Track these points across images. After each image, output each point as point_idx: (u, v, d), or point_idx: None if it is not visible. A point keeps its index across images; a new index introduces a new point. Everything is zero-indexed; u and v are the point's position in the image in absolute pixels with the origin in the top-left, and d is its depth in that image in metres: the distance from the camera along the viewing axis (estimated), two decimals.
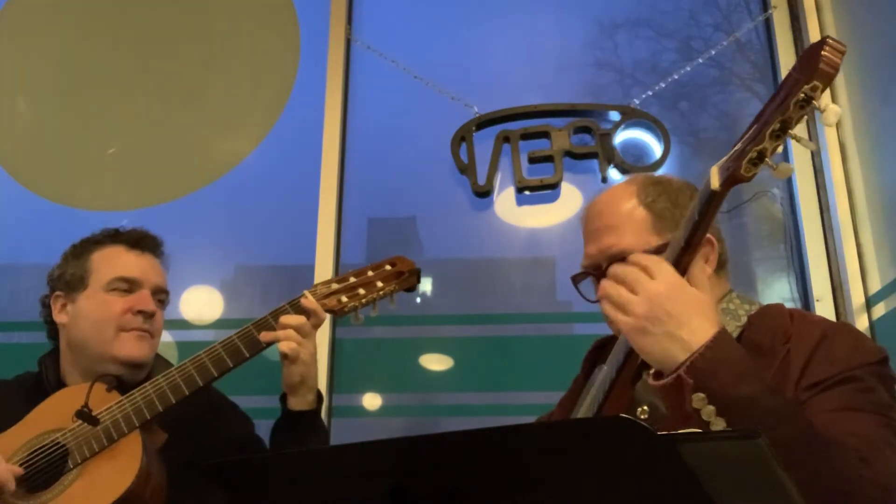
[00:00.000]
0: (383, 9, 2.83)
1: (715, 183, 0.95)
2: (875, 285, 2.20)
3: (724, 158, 0.95)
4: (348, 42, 2.73)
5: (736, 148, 0.93)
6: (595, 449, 0.71)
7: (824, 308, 2.27)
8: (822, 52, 0.84)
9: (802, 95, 0.85)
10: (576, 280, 1.32)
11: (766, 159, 0.90)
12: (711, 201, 0.96)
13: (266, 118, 2.70)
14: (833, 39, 0.85)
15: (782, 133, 0.88)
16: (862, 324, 2.19)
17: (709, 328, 0.97)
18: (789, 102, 0.86)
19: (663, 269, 1.00)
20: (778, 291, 2.41)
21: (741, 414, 0.92)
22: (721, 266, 1.26)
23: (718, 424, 0.92)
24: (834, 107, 0.86)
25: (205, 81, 2.80)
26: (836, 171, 2.36)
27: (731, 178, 0.92)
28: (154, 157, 2.71)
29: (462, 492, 0.78)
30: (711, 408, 0.93)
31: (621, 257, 1.20)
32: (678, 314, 0.98)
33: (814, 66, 0.85)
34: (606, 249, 1.24)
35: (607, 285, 1.06)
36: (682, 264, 1.02)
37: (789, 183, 2.46)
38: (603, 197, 1.32)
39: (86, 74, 2.82)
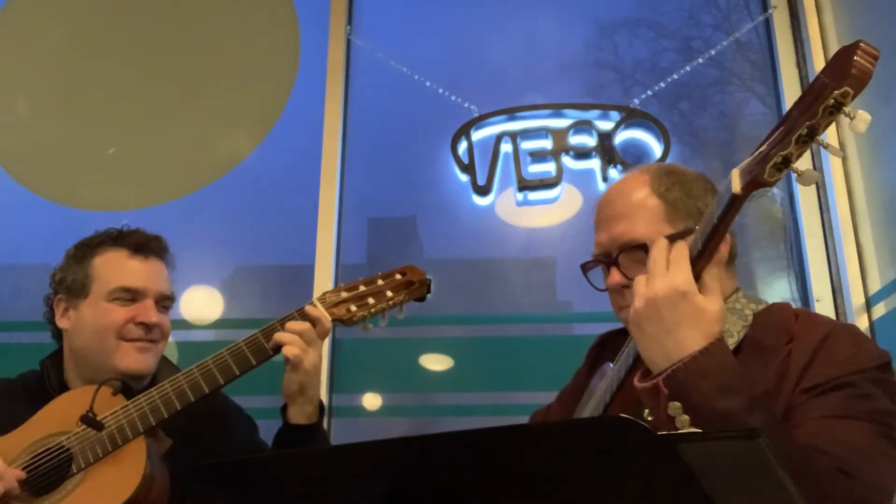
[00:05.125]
0: (383, 9, 2.83)
1: (736, 187, 0.91)
2: (875, 285, 2.20)
3: (747, 162, 0.92)
4: (348, 42, 2.73)
5: (760, 150, 0.90)
6: (595, 449, 0.71)
7: (824, 308, 2.27)
8: (855, 58, 0.81)
9: (832, 101, 0.82)
10: (585, 268, 1.30)
11: (792, 164, 0.86)
12: (732, 205, 0.93)
13: (266, 118, 2.70)
14: (866, 44, 0.82)
15: (809, 139, 0.85)
16: (862, 324, 2.19)
17: (699, 340, 0.95)
18: (818, 108, 0.83)
19: (676, 269, 0.98)
20: (778, 291, 2.41)
21: (715, 427, 0.90)
22: (730, 261, 1.25)
23: None
24: (863, 114, 0.83)
25: (205, 81, 2.80)
26: (836, 171, 2.36)
27: (754, 183, 0.89)
28: (154, 157, 2.71)
29: (462, 492, 0.78)
30: (686, 417, 0.93)
31: (632, 246, 1.19)
32: (669, 321, 0.96)
33: (845, 71, 0.82)
34: (618, 238, 1.21)
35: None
36: (696, 269, 0.99)
37: (789, 183, 2.46)
38: (615, 186, 1.30)
39: (86, 74, 2.82)
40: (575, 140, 2.51)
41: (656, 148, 2.51)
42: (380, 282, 1.51)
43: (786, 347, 1.10)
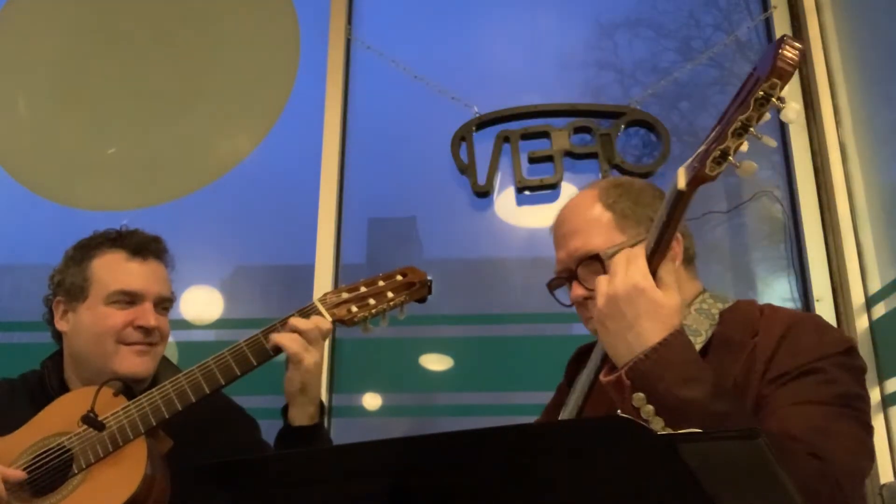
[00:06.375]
0: (383, 9, 2.83)
1: (681, 183, 0.97)
2: (875, 285, 2.20)
3: (691, 159, 0.97)
4: (348, 42, 2.73)
5: (700, 149, 0.95)
6: (595, 449, 0.71)
7: (824, 308, 2.27)
8: (779, 51, 0.87)
9: (762, 93, 0.87)
10: (551, 286, 1.35)
11: (730, 157, 0.91)
12: (679, 201, 0.98)
13: (266, 118, 2.70)
14: (789, 38, 0.88)
15: (744, 131, 0.90)
16: (862, 324, 2.19)
17: (660, 331, 0.99)
18: (750, 101, 0.88)
19: (633, 268, 1.02)
20: (778, 291, 2.41)
21: (680, 416, 0.94)
22: (689, 261, 1.28)
23: (657, 423, 0.95)
24: (793, 104, 0.88)
25: (205, 81, 2.80)
26: (836, 171, 2.36)
27: (697, 178, 0.94)
28: (154, 157, 2.71)
29: (462, 492, 0.78)
30: (650, 408, 0.96)
31: (589, 258, 1.24)
32: (630, 316, 1.00)
33: (772, 64, 0.87)
34: (574, 252, 1.27)
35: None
36: (652, 265, 1.04)
37: (789, 183, 2.46)
38: (567, 205, 1.36)
39: (86, 74, 2.82)
40: (575, 140, 2.51)
41: (656, 148, 2.51)
42: (381, 283, 1.51)
43: (752, 342, 1.13)
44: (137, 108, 2.76)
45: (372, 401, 2.40)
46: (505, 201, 2.53)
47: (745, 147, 0.92)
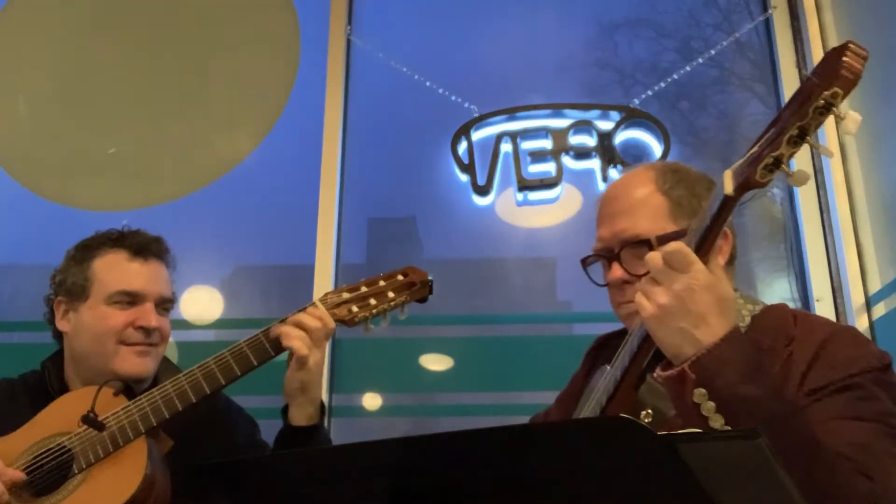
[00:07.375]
0: (383, 9, 2.83)
1: (729, 188, 0.93)
2: (875, 285, 2.20)
3: (739, 163, 0.93)
4: (348, 42, 2.73)
5: (752, 152, 0.91)
6: (595, 449, 0.71)
7: (824, 308, 2.27)
8: (844, 58, 0.83)
9: (822, 102, 0.83)
10: (585, 263, 1.29)
11: (783, 165, 0.88)
12: (725, 206, 0.95)
13: (266, 118, 2.70)
14: (855, 44, 0.83)
15: (800, 139, 0.86)
16: (862, 324, 2.19)
17: (723, 327, 0.96)
18: (808, 108, 0.84)
19: (696, 264, 0.98)
20: (778, 291, 2.41)
21: (740, 413, 0.91)
22: (730, 262, 1.25)
23: (717, 421, 0.92)
24: (854, 114, 0.84)
25: (205, 81, 2.80)
26: (836, 171, 2.36)
27: (746, 184, 0.91)
28: (154, 157, 2.71)
29: (462, 492, 0.78)
30: (711, 404, 0.93)
31: (634, 241, 1.19)
32: (697, 313, 0.96)
33: (835, 71, 0.83)
34: (620, 233, 1.21)
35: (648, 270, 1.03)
36: None
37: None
38: (620, 181, 1.30)
39: (86, 74, 2.82)
40: (575, 140, 2.51)
41: (656, 148, 2.51)
42: (381, 283, 1.50)
43: (786, 350, 1.10)
44: (137, 108, 2.76)
45: (372, 401, 2.40)
46: (505, 201, 2.53)
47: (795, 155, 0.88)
